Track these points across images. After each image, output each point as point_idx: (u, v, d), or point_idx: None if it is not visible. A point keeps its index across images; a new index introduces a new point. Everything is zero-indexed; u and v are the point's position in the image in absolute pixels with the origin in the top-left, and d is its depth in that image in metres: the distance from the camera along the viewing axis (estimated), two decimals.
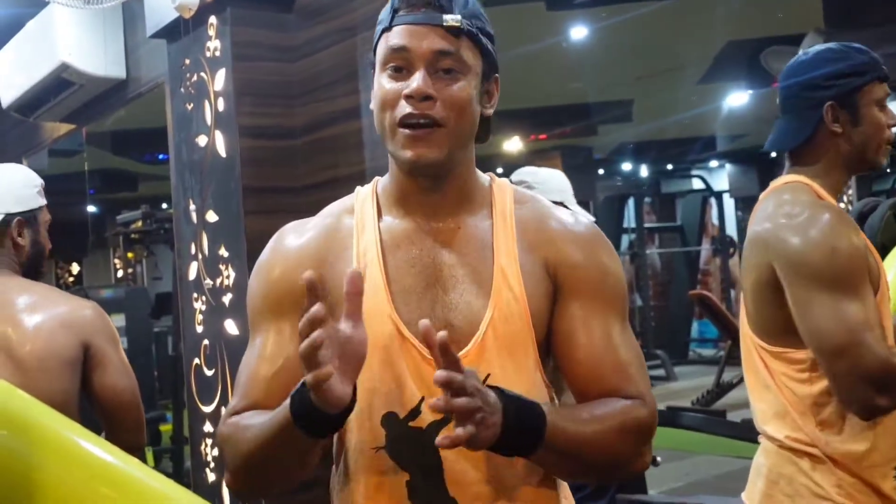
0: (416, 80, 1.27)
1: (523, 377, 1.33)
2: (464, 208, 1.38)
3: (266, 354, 1.36)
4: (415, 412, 1.30)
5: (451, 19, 1.29)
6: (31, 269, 2.19)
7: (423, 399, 1.29)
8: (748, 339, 1.94)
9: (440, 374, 1.11)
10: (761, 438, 1.96)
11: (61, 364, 2.00)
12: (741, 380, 8.10)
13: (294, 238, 1.40)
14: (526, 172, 2.91)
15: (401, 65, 1.29)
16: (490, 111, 1.37)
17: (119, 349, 2.12)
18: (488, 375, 1.28)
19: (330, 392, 1.13)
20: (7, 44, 4.91)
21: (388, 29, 1.31)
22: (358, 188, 1.45)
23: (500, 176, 1.48)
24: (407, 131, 1.28)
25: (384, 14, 1.34)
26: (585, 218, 1.44)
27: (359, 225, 1.37)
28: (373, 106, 1.34)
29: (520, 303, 1.32)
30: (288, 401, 1.19)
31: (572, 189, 2.93)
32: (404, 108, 1.27)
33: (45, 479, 0.79)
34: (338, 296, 1.28)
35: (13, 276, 2.13)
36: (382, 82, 1.31)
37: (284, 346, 1.35)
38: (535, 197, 1.44)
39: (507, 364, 1.31)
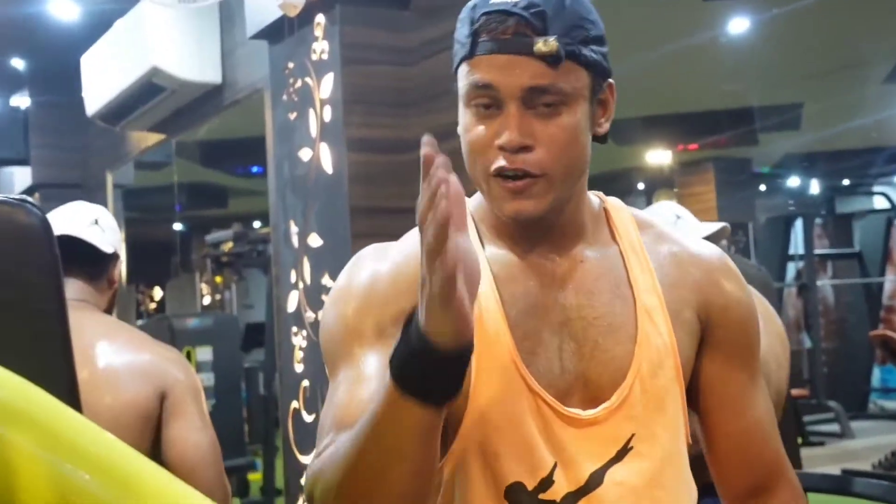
0: (509, 129, 1.21)
1: (671, 440, 1.31)
2: (580, 239, 1.33)
3: (361, 378, 1.24)
4: (546, 482, 1.24)
5: (545, 45, 1.20)
6: (109, 310, 2.33)
7: (556, 466, 1.25)
8: None
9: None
10: None
11: (136, 418, 2.08)
12: None
13: (377, 265, 1.32)
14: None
15: (488, 103, 1.23)
16: (606, 127, 1.31)
17: (201, 403, 2.18)
18: (632, 436, 1.27)
19: (463, 307, 0.99)
20: (93, 46, 5.15)
21: (468, 58, 1.25)
22: None
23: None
24: (503, 183, 1.23)
25: (462, 34, 1.26)
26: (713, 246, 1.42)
27: None
28: (462, 143, 1.29)
29: (670, 352, 1.29)
30: (387, 372, 1.07)
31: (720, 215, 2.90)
32: (497, 158, 1.22)
33: None
34: None
35: (97, 313, 2.24)
36: (468, 121, 1.26)
37: (383, 372, 1.20)
38: (653, 220, 1.41)
39: (655, 424, 1.29)
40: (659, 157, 10.22)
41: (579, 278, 1.30)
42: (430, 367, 1.03)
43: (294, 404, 3.61)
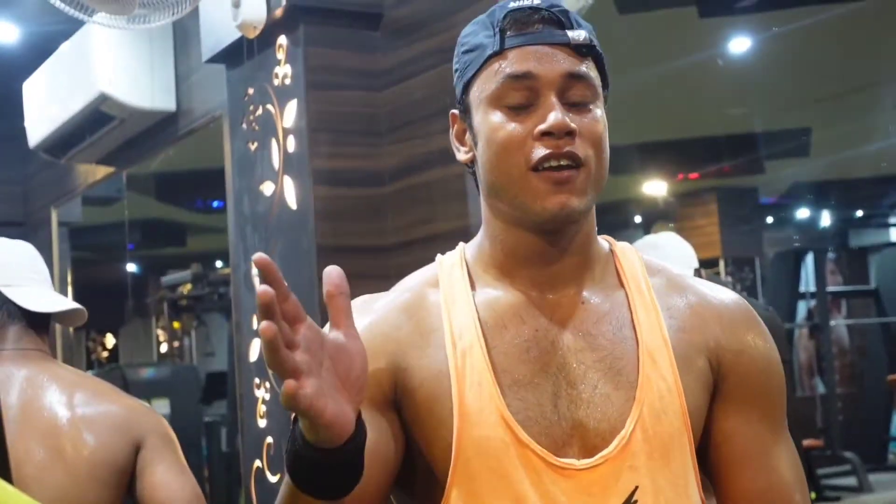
0: (554, 113, 1.27)
1: (679, 495, 1.30)
2: (585, 275, 1.37)
3: None
4: None
5: (578, 36, 1.31)
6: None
7: None
8: None
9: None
10: None
11: (110, 473, 2.11)
12: None
13: (360, 318, 1.29)
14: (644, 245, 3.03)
15: (521, 99, 1.30)
16: None
17: (176, 451, 2.21)
18: (636, 489, 1.27)
19: (317, 410, 1.03)
20: (36, 71, 5.12)
21: (497, 54, 1.32)
22: (440, 257, 1.44)
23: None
24: (547, 174, 1.28)
25: (481, 36, 1.35)
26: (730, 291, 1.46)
27: (447, 300, 1.35)
28: (483, 154, 1.33)
29: (675, 396, 1.30)
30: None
31: (717, 247, 3.05)
32: (539, 149, 1.28)
33: None
34: (428, 390, 1.29)
35: (58, 364, 2.28)
36: (496, 122, 1.31)
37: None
38: (664, 265, 1.45)
39: (659, 475, 1.29)
40: (657, 187, 10.23)
41: (579, 320, 1.34)
42: (316, 467, 1.10)
43: (257, 463, 3.57)
